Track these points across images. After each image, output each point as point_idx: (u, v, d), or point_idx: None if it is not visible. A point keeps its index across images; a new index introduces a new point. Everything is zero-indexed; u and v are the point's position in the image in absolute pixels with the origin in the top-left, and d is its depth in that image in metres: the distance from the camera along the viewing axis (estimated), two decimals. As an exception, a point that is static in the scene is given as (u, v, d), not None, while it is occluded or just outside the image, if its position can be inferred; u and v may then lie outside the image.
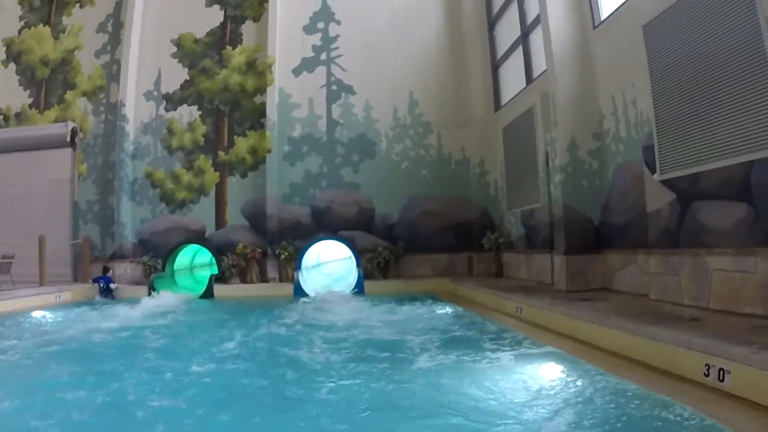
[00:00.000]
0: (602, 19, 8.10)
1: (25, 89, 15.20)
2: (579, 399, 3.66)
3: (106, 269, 12.70)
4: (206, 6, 14.24)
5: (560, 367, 4.50)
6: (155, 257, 13.21)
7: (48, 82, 15.03)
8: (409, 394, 4.08)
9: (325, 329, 7.35)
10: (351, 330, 7.16)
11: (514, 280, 10.73)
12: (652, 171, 6.23)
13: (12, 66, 15.46)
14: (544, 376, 4.33)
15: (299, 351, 5.93)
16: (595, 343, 5.19)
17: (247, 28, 13.97)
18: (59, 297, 11.68)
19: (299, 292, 11.97)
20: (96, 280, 12.26)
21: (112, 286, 12.28)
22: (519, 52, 11.27)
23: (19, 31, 15.57)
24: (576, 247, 8.14)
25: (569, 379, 4.16)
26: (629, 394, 3.68)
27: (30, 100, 15.09)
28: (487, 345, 5.66)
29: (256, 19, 13.94)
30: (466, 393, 3.99)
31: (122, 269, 13.35)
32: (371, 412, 3.71)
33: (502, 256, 12.08)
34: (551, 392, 3.87)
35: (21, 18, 15.59)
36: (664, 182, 6.04)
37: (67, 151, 14.22)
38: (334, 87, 13.45)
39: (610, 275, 7.92)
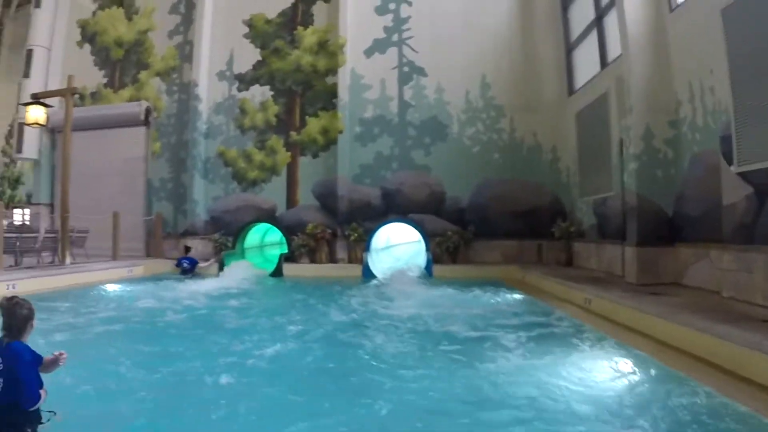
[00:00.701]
0: (679, 2, 7.72)
1: (100, 69, 15.66)
2: (643, 397, 3.54)
3: (187, 249, 12.80)
4: (277, -13, 14.32)
5: (627, 363, 4.38)
6: (226, 235, 13.46)
7: (122, 63, 15.44)
8: (474, 383, 4.03)
9: (394, 313, 7.32)
10: (420, 314, 7.14)
11: (584, 270, 10.49)
12: (729, 162, 5.94)
13: (87, 47, 15.94)
14: (609, 371, 4.23)
15: (368, 335, 5.90)
16: (663, 340, 5.03)
17: (318, 9, 13.97)
18: (131, 271, 12.01)
19: (368, 273, 12.00)
20: (179, 262, 12.22)
21: (203, 264, 12.22)
22: (593, 35, 10.92)
23: (94, 13, 16.03)
24: (648, 239, 7.90)
25: (635, 376, 4.04)
26: (694, 394, 3.56)
27: (105, 80, 15.54)
28: (554, 337, 5.56)
29: (327, 0, 13.92)
30: (529, 384, 3.94)
31: (193, 246, 13.63)
32: (440, 400, 3.70)
33: (572, 245, 11.81)
34: (615, 388, 3.78)
35: (95, 0, 16.01)
36: (742, 174, 5.75)
37: (141, 130, 14.60)
38: (405, 68, 13.34)
39: (682, 269, 7.65)
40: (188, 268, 11.88)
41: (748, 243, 5.61)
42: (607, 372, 4.21)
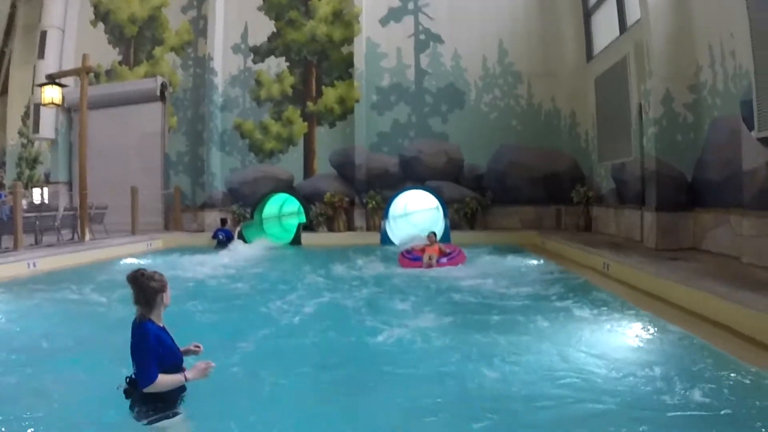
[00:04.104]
0: (699, -35, 7.61)
1: (114, 47, 15.68)
2: (660, 362, 3.52)
3: (224, 221, 12.68)
4: (291, -43, 14.24)
5: (646, 328, 4.36)
6: (244, 206, 13.50)
7: (136, 39, 15.45)
8: (492, 346, 4.03)
9: (414, 279, 7.33)
10: (439, 280, 7.15)
11: (603, 236, 10.43)
12: (750, 127, 5.86)
13: (101, 25, 15.95)
14: (627, 336, 4.20)
15: (390, 301, 5.91)
16: (682, 305, 4.99)
17: (333, -21, 13.90)
18: (150, 245, 12.10)
19: (386, 240, 12.01)
20: (215, 235, 12.07)
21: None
22: None
23: (107, -8, 16.00)
24: (667, 204, 7.84)
25: (654, 341, 4.02)
26: (712, 359, 3.54)
27: (119, 57, 15.56)
28: (574, 302, 5.54)
29: (341, -30, 13.84)
30: (547, 349, 3.94)
31: (212, 218, 13.70)
32: (462, 361, 3.71)
33: (591, 210, 11.73)
34: (633, 354, 3.76)
35: (108, -21, 16.01)
36: (762, 140, 5.66)
37: (158, 105, 14.64)
38: (422, 36, 13.25)
39: (701, 235, 7.58)
40: (224, 241, 11.72)
41: (769, 209, 5.56)
42: (624, 337, 4.21)
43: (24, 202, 12.28)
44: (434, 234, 9.21)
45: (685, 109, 7.82)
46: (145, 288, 2.61)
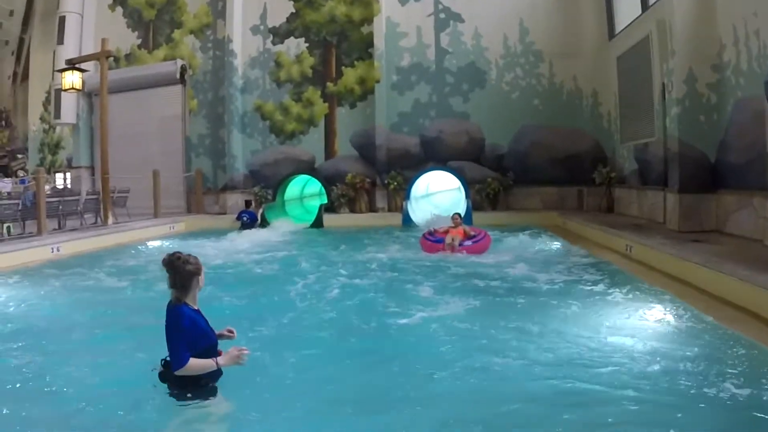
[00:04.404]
0: (722, -57, 7.43)
1: (133, 31, 15.74)
2: (682, 345, 3.49)
3: (248, 203, 12.75)
4: (309, -62, 14.14)
5: (666, 311, 4.33)
6: (266, 188, 13.59)
7: (155, 23, 15.49)
8: (517, 331, 4.01)
9: (435, 262, 7.29)
10: (461, 262, 7.11)
11: (625, 217, 10.37)
12: None
13: (119, 9, 16.00)
14: (649, 319, 4.18)
15: (412, 284, 5.85)
16: (704, 288, 4.96)
17: (352, -41, 13.79)
18: (173, 228, 12.25)
19: (408, 221, 12.05)
20: (239, 216, 12.15)
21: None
22: None
23: (124, -24, 16.03)
24: (690, 185, 7.75)
25: (674, 325, 3.99)
26: (735, 343, 3.50)
27: (138, 41, 15.63)
28: (595, 282, 5.51)
29: (360, -51, 13.73)
30: (571, 330, 3.92)
31: (233, 200, 13.82)
32: (484, 347, 3.69)
33: (613, 191, 11.66)
34: (655, 336, 3.73)
35: (125, -37, 16.02)
36: None
37: (178, 88, 14.72)
38: (442, 15, 13.15)
39: (724, 217, 7.50)
40: (248, 222, 11.81)
41: (794, 191, 5.48)
42: (645, 319, 4.20)
43: (47, 187, 12.45)
44: (459, 215, 8.55)
45: (708, 89, 7.72)
46: (181, 271, 2.60)
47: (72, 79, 11.48)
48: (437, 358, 3.51)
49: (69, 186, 16.38)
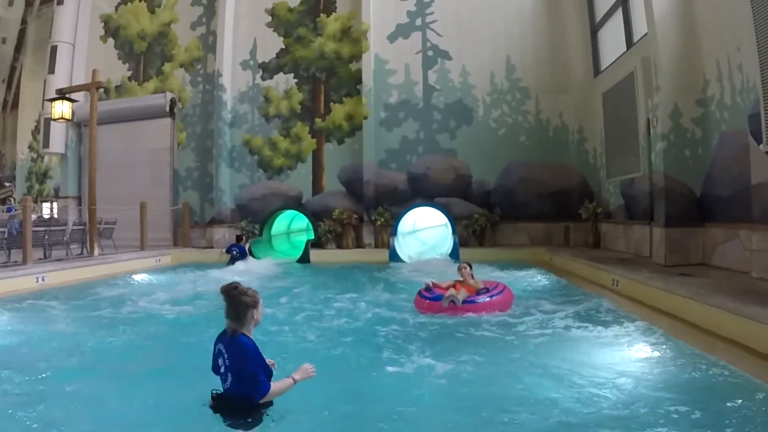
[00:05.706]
0: (705, -21, 7.59)
1: (124, 63, 15.84)
2: (671, 379, 3.49)
3: (239, 238, 12.66)
4: (299, -25, 14.35)
5: (655, 345, 4.31)
6: (253, 222, 13.55)
7: (146, 55, 15.59)
8: (504, 361, 4.04)
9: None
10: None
11: (612, 252, 10.38)
12: (758, 141, 5.83)
13: (110, 41, 16.13)
14: (637, 353, 4.16)
15: (401, 318, 5.81)
16: (692, 321, 4.94)
17: (341, -4, 13.99)
18: (159, 260, 12.14)
19: (394, 257, 12.00)
20: (229, 250, 12.10)
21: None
22: (619, 14, 10.78)
23: (116, 8, 16.20)
24: (676, 219, 7.78)
25: (664, 359, 3.97)
26: (723, 375, 3.50)
27: (129, 73, 15.71)
28: (583, 318, 5.49)
29: (349, -13, 13.93)
30: (557, 364, 3.91)
31: (220, 234, 13.77)
32: (474, 379, 3.70)
33: (599, 227, 11.67)
34: (643, 370, 3.72)
35: (117, -5, 16.18)
36: None
37: (167, 121, 14.75)
38: (430, 53, 13.31)
39: (711, 250, 7.52)
40: (238, 256, 11.75)
41: (778, 223, 5.53)
42: (634, 354, 4.17)
43: (33, 216, 12.37)
44: (468, 265, 6.57)
45: (692, 123, 7.80)
46: (238, 302, 2.66)
47: (62, 108, 11.49)
48: (421, 402, 3.40)
49: (56, 215, 16.27)
